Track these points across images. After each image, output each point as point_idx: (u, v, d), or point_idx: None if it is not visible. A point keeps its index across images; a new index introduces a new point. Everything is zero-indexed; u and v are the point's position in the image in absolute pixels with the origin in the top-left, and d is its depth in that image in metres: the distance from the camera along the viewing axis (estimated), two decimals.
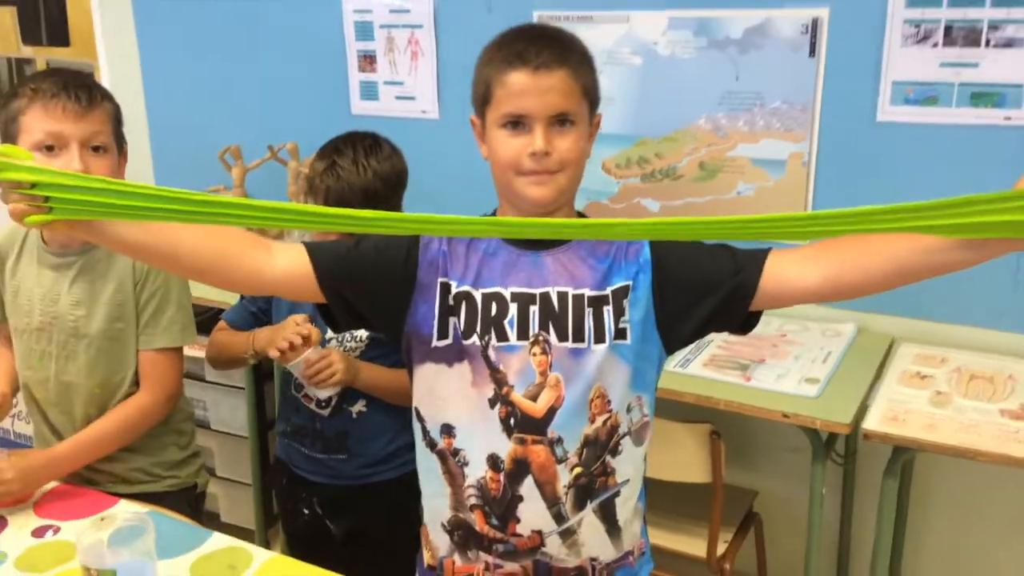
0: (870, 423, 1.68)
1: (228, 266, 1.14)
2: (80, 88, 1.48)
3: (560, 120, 1.15)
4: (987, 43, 1.88)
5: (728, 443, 1.97)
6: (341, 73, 2.64)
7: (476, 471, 1.20)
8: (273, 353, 1.61)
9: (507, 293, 1.18)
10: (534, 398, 1.17)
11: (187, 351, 1.71)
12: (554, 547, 1.21)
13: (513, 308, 1.17)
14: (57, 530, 1.45)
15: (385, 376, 1.68)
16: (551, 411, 1.17)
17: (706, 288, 1.16)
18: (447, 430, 1.21)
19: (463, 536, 1.24)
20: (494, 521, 1.21)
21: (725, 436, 1.92)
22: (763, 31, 2.08)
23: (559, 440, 1.18)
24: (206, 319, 1.95)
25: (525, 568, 1.22)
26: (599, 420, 1.18)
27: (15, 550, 1.40)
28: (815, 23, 2.02)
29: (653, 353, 1.21)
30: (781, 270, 1.14)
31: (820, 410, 1.74)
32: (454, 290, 1.18)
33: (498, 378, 1.17)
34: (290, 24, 2.70)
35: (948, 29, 1.90)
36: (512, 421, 1.18)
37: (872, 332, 2.10)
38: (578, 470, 1.19)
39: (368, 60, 2.60)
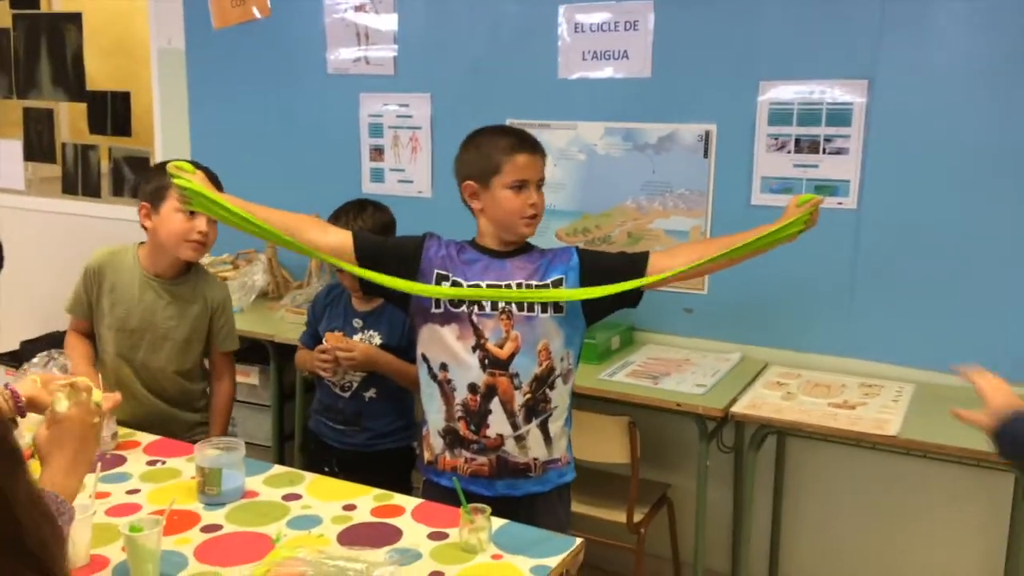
0: (736, 408, 2.38)
1: (296, 235, 1.86)
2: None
3: (540, 184, 1.89)
4: (824, 151, 2.66)
5: (648, 444, 2.64)
6: (355, 162, 3.40)
7: (461, 394, 1.88)
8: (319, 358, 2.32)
9: (484, 284, 1.88)
10: (501, 347, 1.86)
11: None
12: (510, 447, 1.89)
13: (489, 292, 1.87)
14: (164, 462, 2.06)
15: (398, 365, 2.32)
16: (512, 355, 1.87)
17: (613, 278, 1.87)
18: (443, 367, 1.89)
19: (452, 439, 1.91)
20: (472, 427, 1.89)
21: (646, 438, 2.58)
22: (672, 138, 2.87)
23: (516, 375, 1.87)
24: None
25: (491, 461, 1.89)
26: (544, 364, 1.88)
27: (137, 471, 2.00)
28: (707, 134, 2.81)
29: (579, 324, 1.92)
30: (659, 261, 1.89)
31: (703, 401, 2.43)
32: (451, 279, 1.88)
33: (479, 333, 1.86)
34: (318, 122, 3.46)
35: (797, 141, 2.69)
36: (486, 361, 1.87)
37: (752, 358, 2.81)
38: (528, 396, 1.88)
39: (377, 152, 3.36)
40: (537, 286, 1.87)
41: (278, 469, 2.03)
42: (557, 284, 1.88)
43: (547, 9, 2.97)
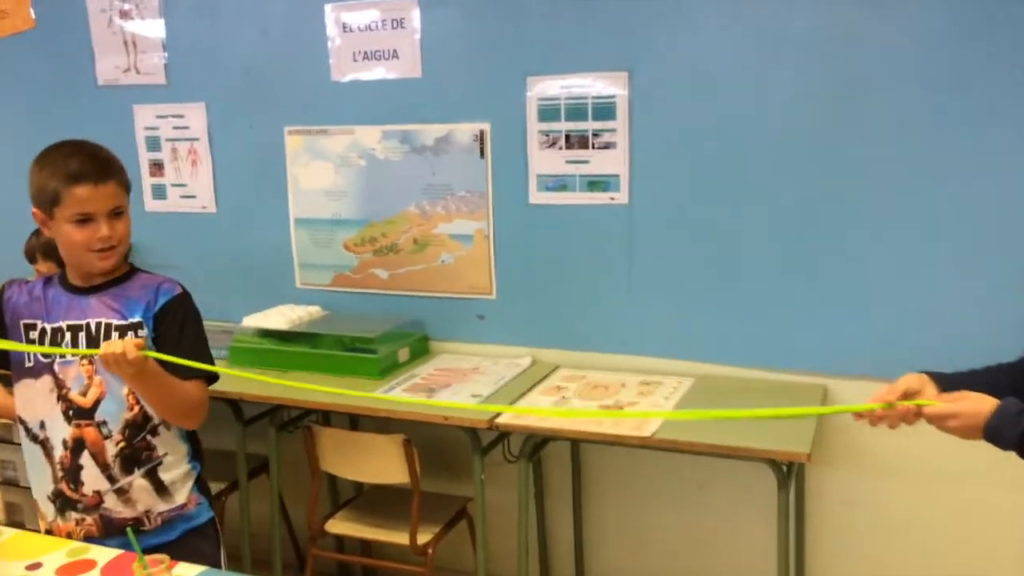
0: (502, 419, 2.29)
1: None
2: None
3: (114, 213, 1.70)
4: (593, 146, 2.60)
5: (442, 459, 2.52)
6: (135, 178, 3.16)
7: (58, 451, 1.74)
8: None
9: (64, 325, 1.72)
10: (85, 394, 1.72)
11: None
12: (111, 502, 1.75)
13: (68, 335, 1.71)
14: None
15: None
16: (97, 402, 1.72)
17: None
18: (43, 425, 1.75)
19: (62, 502, 1.76)
20: (72, 486, 1.74)
21: (439, 454, 2.47)
22: (448, 139, 2.76)
23: (104, 423, 1.73)
24: None
25: (95, 521, 1.75)
26: (135, 409, 1.73)
27: None
28: (482, 133, 2.72)
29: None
30: None
31: (469, 413, 2.33)
32: (38, 327, 1.73)
33: (59, 383, 1.72)
34: (92, 138, 3.21)
35: (568, 137, 2.62)
36: (70, 412, 1.73)
37: (543, 362, 2.74)
38: (122, 444, 1.74)
39: (157, 167, 3.16)
40: (118, 325, 1.71)
41: None
42: (138, 326, 1.69)
43: (313, 9, 2.83)
